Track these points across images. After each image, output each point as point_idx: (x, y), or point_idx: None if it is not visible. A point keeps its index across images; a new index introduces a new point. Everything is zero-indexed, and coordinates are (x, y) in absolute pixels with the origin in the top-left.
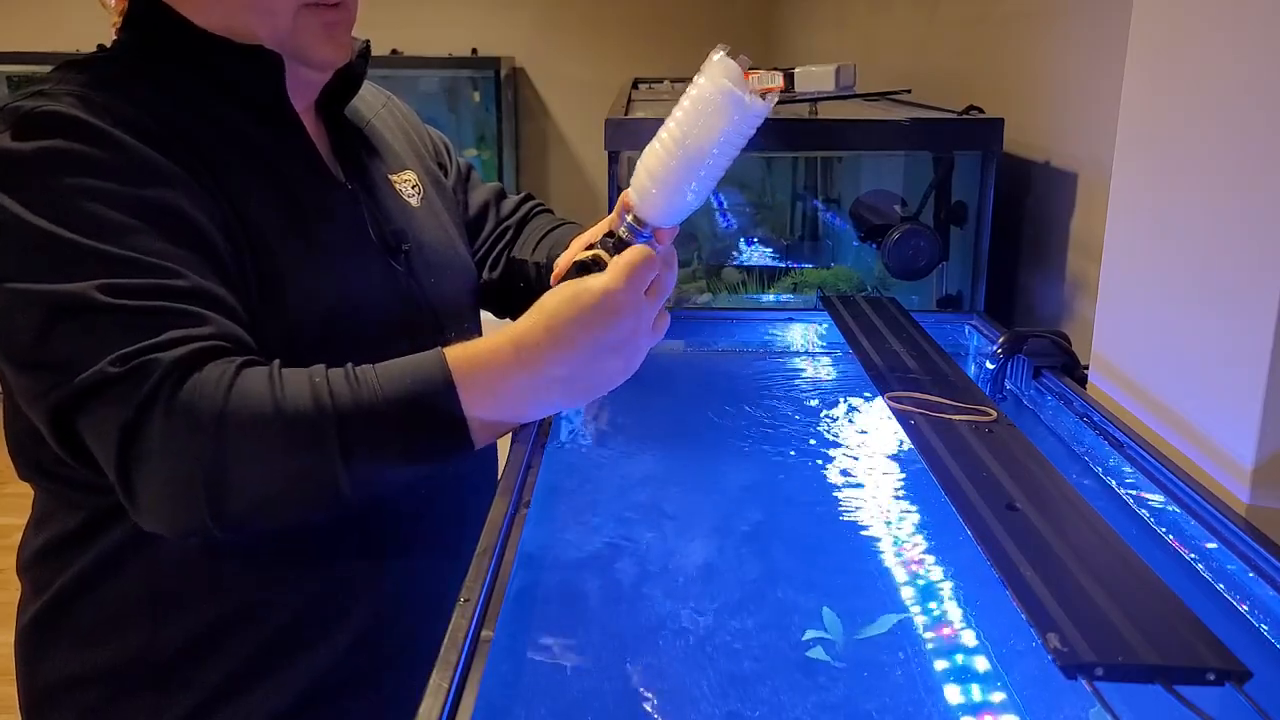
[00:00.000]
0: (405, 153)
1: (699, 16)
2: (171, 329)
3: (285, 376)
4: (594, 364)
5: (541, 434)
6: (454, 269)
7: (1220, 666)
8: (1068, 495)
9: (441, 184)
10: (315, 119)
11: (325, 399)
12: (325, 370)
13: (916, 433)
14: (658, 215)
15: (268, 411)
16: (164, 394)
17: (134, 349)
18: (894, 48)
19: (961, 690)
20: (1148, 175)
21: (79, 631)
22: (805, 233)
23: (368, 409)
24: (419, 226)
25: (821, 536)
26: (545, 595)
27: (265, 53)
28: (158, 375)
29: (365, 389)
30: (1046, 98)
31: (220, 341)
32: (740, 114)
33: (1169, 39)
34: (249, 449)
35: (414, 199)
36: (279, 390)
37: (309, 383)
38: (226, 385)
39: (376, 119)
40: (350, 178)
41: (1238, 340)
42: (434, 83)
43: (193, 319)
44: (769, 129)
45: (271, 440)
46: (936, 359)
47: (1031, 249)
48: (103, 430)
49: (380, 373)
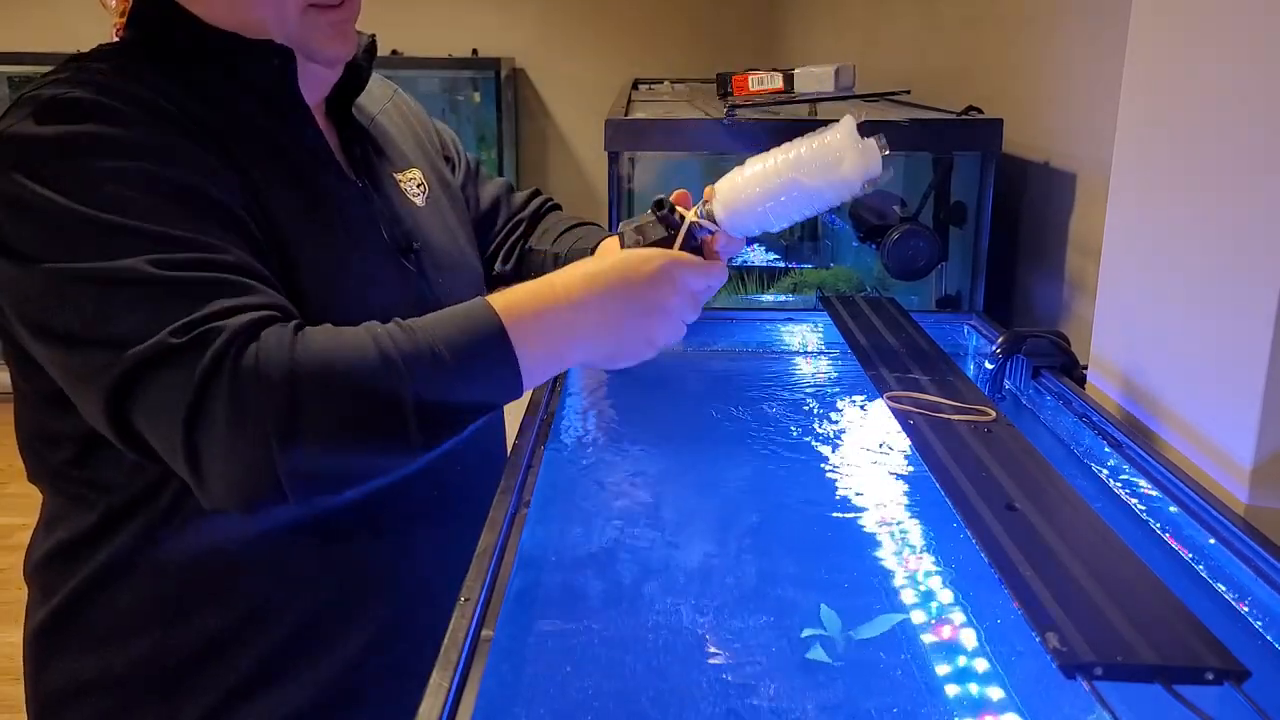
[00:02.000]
0: (411, 150)
1: (699, 16)
2: (225, 298)
3: (344, 331)
4: (626, 313)
5: (541, 434)
6: (461, 269)
7: (1219, 666)
8: (1067, 495)
9: (447, 181)
10: (324, 117)
11: (388, 345)
12: (378, 324)
13: (916, 433)
14: (734, 221)
15: (333, 361)
16: (229, 359)
17: (194, 318)
18: (894, 48)
19: (960, 689)
20: (1147, 175)
21: (89, 636)
22: (805, 233)
23: (428, 350)
24: (425, 226)
25: (821, 536)
26: (545, 595)
27: (276, 47)
28: (222, 341)
29: (421, 334)
30: (1046, 98)
31: (272, 310)
32: (850, 179)
33: (1168, 40)
34: (319, 398)
35: (419, 198)
36: (341, 341)
37: (368, 333)
38: (289, 343)
39: (383, 114)
40: (359, 176)
41: (1237, 340)
42: (434, 83)
43: (243, 289)
44: (769, 129)
45: (340, 386)
46: (936, 359)
47: (1031, 249)
48: (166, 401)
49: (431, 320)
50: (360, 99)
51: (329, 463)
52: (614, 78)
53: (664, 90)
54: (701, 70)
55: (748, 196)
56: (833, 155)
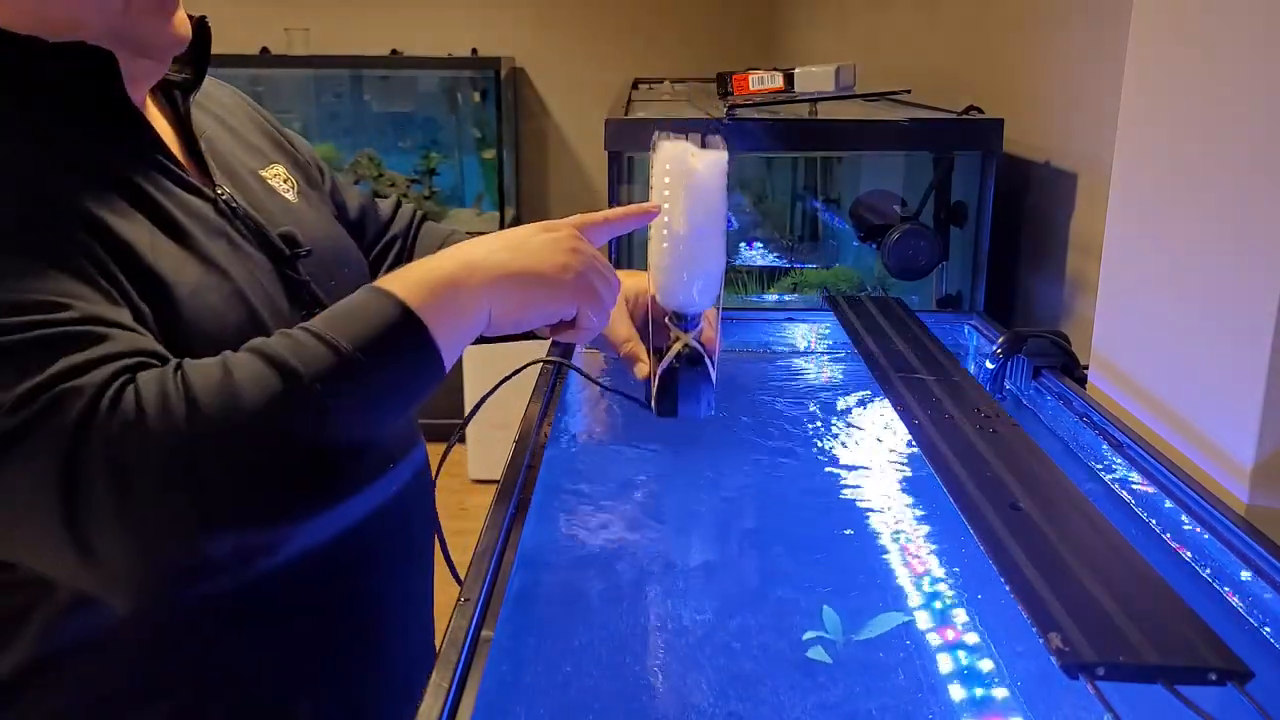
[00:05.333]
0: (265, 145)
1: (699, 16)
2: (73, 354)
3: (231, 358)
4: (525, 244)
5: (541, 434)
6: (349, 266)
7: (1222, 666)
8: (1071, 495)
9: (315, 182)
10: (156, 118)
11: (283, 360)
12: (261, 342)
13: (920, 432)
14: (695, 301)
15: (232, 389)
16: (97, 422)
17: (37, 381)
18: (894, 48)
19: (962, 690)
20: (1147, 175)
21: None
22: (805, 233)
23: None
24: (305, 224)
25: (822, 536)
26: (545, 595)
27: (91, 49)
28: (84, 404)
29: (310, 337)
30: (1046, 98)
31: (138, 356)
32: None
33: (1169, 39)
34: (224, 431)
35: (290, 194)
36: (232, 368)
37: (256, 354)
38: (177, 382)
39: (223, 110)
40: (217, 178)
41: (1237, 340)
42: (434, 83)
43: (94, 339)
44: (769, 130)
45: (244, 415)
46: (941, 359)
47: (1031, 249)
48: (26, 487)
49: (320, 323)
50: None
51: (246, 503)
52: (614, 78)
53: (664, 90)
54: (701, 70)
55: (686, 279)
56: (689, 177)
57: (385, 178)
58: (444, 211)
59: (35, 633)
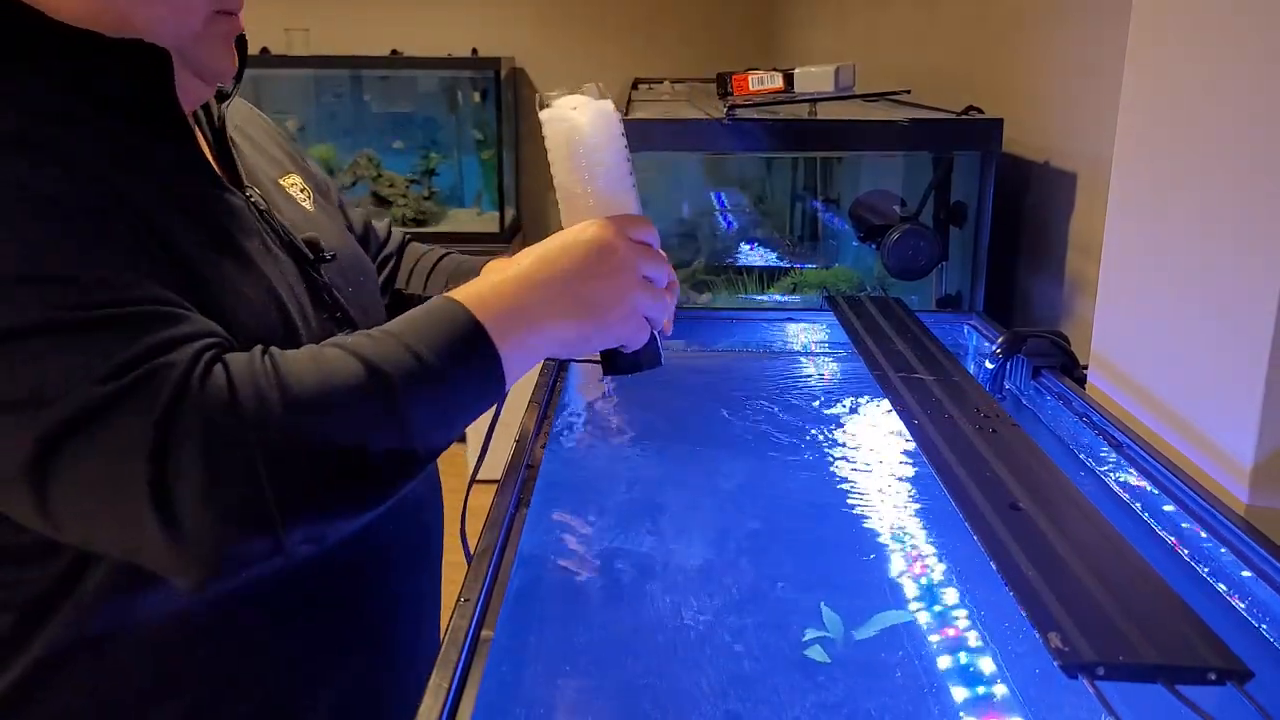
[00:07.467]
0: (281, 156)
1: (699, 16)
2: (158, 330)
3: (319, 350)
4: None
5: (542, 434)
6: (364, 273)
7: (1222, 666)
8: (1071, 495)
9: (326, 191)
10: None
11: (369, 358)
12: (344, 339)
13: (920, 432)
14: None
15: (323, 380)
16: (193, 390)
17: (128, 357)
18: (894, 48)
19: (962, 690)
20: (1147, 175)
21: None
22: (805, 233)
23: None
24: (323, 232)
25: (822, 536)
26: (545, 595)
27: (149, 48)
28: (179, 372)
29: (395, 341)
30: (1046, 98)
31: (218, 338)
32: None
33: (1168, 40)
34: (314, 420)
35: (307, 203)
36: (322, 360)
37: (344, 350)
38: (266, 367)
39: (242, 120)
40: (245, 184)
41: (1237, 340)
42: (434, 83)
43: (175, 319)
44: (769, 130)
45: (333, 406)
46: (941, 359)
47: (1031, 249)
48: (111, 462)
49: (399, 324)
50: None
51: (325, 491)
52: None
53: (664, 90)
54: (701, 70)
55: None
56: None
57: (384, 178)
58: (443, 211)
59: (49, 634)
